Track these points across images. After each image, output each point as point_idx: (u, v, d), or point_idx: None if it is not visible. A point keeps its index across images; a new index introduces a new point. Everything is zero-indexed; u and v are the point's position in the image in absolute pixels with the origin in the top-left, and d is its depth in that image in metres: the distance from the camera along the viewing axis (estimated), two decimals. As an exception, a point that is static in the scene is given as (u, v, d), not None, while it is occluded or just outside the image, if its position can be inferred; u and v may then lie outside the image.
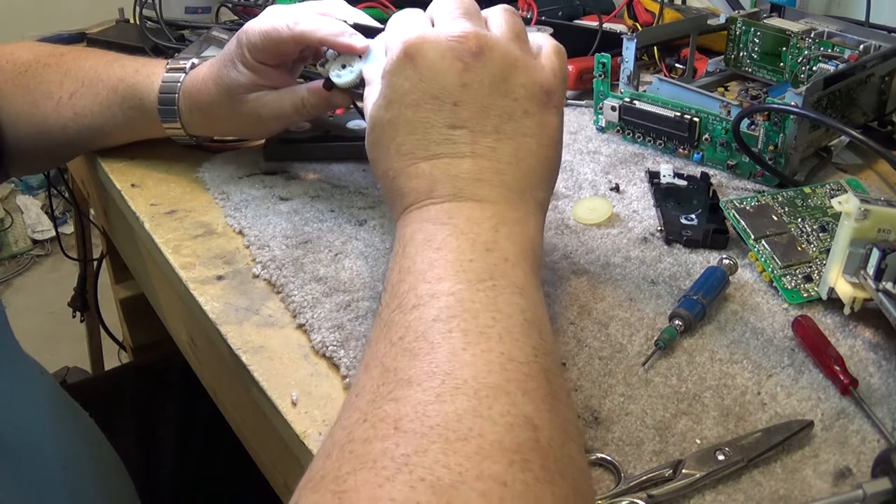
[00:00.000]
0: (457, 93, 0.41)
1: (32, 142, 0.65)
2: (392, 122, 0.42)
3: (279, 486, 0.55)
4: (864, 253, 0.45)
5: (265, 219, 0.58)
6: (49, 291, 2.08)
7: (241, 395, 0.50)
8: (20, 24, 0.65)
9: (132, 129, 0.65)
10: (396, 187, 0.42)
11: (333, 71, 0.55)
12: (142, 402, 0.89)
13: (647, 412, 0.42)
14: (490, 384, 0.32)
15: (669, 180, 0.62)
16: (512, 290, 0.37)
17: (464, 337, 0.34)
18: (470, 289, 0.36)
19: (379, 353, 0.35)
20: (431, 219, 0.40)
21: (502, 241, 0.39)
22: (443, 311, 0.35)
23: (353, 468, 0.29)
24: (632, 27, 0.91)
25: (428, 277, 0.37)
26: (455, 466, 0.29)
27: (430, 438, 0.30)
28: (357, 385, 0.35)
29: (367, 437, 0.30)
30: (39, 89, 0.64)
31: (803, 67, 0.74)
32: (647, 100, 0.68)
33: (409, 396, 0.31)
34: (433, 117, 0.41)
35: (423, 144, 0.41)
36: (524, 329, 0.35)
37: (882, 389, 0.44)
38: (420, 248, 0.38)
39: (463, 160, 0.41)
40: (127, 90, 0.62)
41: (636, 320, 0.48)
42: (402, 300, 0.36)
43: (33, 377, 0.54)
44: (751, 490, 0.38)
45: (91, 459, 0.55)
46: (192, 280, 0.53)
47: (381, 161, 0.43)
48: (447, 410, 0.31)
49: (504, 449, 0.30)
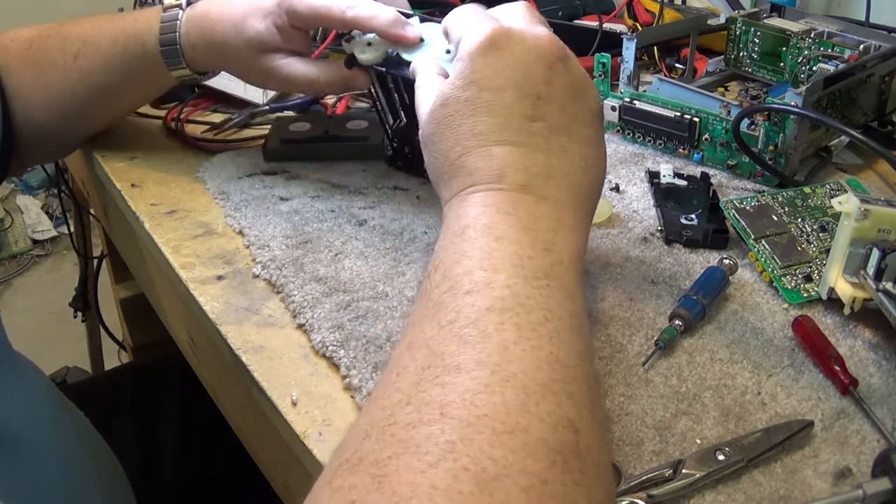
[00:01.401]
0: (541, 87, 0.41)
1: (43, 115, 0.64)
2: (470, 101, 0.41)
3: (279, 486, 0.55)
4: (864, 253, 0.45)
5: (265, 219, 0.58)
6: (49, 291, 2.08)
7: (241, 395, 0.50)
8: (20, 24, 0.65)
9: (139, 82, 0.64)
10: (462, 164, 0.41)
11: (358, 48, 0.55)
12: (142, 402, 0.89)
13: (647, 412, 0.42)
14: (538, 381, 0.32)
15: (669, 180, 0.62)
16: (563, 293, 0.37)
17: (516, 331, 0.33)
18: (525, 285, 0.36)
19: (425, 335, 0.34)
20: (496, 205, 0.39)
21: (560, 243, 0.38)
22: (497, 301, 0.34)
23: (395, 452, 0.29)
24: (632, 27, 0.91)
25: (485, 266, 0.36)
26: (500, 459, 0.28)
27: (476, 428, 0.29)
28: (397, 364, 0.34)
29: (411, 422, 0.30)
30: (45, 60, 0.64)
31: (803, 67, 0.74)
32: (647, 100, 0.68)
33: (457, 383, 0.31)
34: (515, 105, 0.41)
35: (500, 129, 0.41)
36: (572, 333, 0.35)
37: (882, 389, 0.44)
38: (481, 233, 0.38)
39: (538, 153, 0.41)
40: (128, 40, 0.62)
41: (636, 320, 0.48)
42: (455, 282, 0.36)
43: (28, 377, 0.54)
44: (751, 490, 0.38)
45: (88, 459, 0.55)
46: (192, 280, 0.53)
47: (447, 137, 0.42)
48: (496, 402, 0.30)
49: (548, 448, 0.30)
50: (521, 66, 0.41)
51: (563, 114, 0.42)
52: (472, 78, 0.42)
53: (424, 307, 0.36)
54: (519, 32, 0.42)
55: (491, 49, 0.42)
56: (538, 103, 0.41)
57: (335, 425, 0.41)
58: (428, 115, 0.44)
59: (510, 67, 0.41)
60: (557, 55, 0.42)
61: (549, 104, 0.41)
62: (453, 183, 0.42)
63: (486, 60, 0.41)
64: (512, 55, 0.41)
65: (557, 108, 0.42)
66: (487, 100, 0.41)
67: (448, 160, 0.42)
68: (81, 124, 0.68)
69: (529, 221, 0.39)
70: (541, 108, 0.41)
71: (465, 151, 0.41)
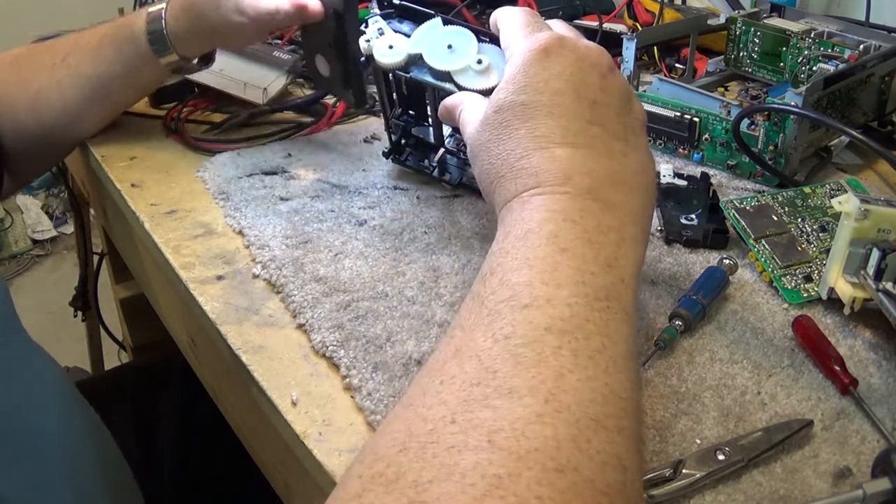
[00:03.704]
0: (596, 92, 0.41)
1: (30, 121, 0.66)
2: (527, 105, 0.41)
3: (279, 487, 0.55)
4: (864, 253, 0.45)
5: (265, 219, 0.58)
6: (49, 291, 2.08)
7: (241, 395, 0.50)
8: (20, 24, 0.65)
9: (127, 72, 0.66)
10: (524, 166, 0.40)
11: (378, 49, 0.53)
12: (142, 402, 0.89)
13: (646, 412, 0.42)
14: (591, 415, 0.31)
15: (669, 180, 0.62)
16: (622, 315, 0.36)
17: (573, 358, 0.32)
18: (587, 306, 0.35)
19: (476, 345, 0.33)
20: (562, 211, 0.38)
21: (622, 259, 0.38)
22: (556, 321, 0.33)
23: (437, 477, 0.28)
24: (632, 27, 0.91)
25: (547, 279, 0.35)
26: (547, 499, 0.27)
27: (525, 463, 0.28)
28: (442, 370, 0.33)
29: (456, 444, 0.29)
30: (31, 66, 0.66)
31: (803, 67, 0.74)
32: (647, 100, 0.68)
33: (508, 409, 0.30)
34: (574, 108, 0.41)
35: (562, 131, 0.40)
36: (627, 362, 0.34)
37: (882, 389, 0.44)
38: (545, 242, 0.37)
39: (601, 157, 0.40)
40: (117, 31, 0.65)
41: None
42: (514, 292, 0.35)
43: (41, 366, 0.54)
44: (751, 490, 0.38)
45: (95, 451, 0.55)
46: (192, 280, 0.53)
47: (504, 141, 0.41)
48: (547, 435, 0.29)
49: (595, 489, 0.29)
50: (578, 71, 0.41)
51: (618, 120, 0.42)
52: (526, 82, 0.41)
53: (478, 313, 0.35)
54: (571, 42, 0.42)
55: (545, 56, 0.41)
56: (595, 107, 0.41)
57: (335, 425, 0.41)
58: (480, 123, 0.43)
59: (566, 73, 0.41)
60: (608, 65, 0.42)
61: (606, 109, 0.41)
62: (513, 185, 0.40)
63: (542, 65, 0.41)
64: (567, 61, 0.41)
65: (613, 115, 0.42)
66: (546, 102, 0.41)
67: (507, 163, 0.41)
68: (71, 125, 0.68)
69: (595, 233, 0.38)
70: (598, 112, 0.41)
71: (525, 153, 0.40)
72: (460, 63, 0.50)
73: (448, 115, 0.48)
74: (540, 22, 0.45)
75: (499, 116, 0.42)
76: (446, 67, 0.50)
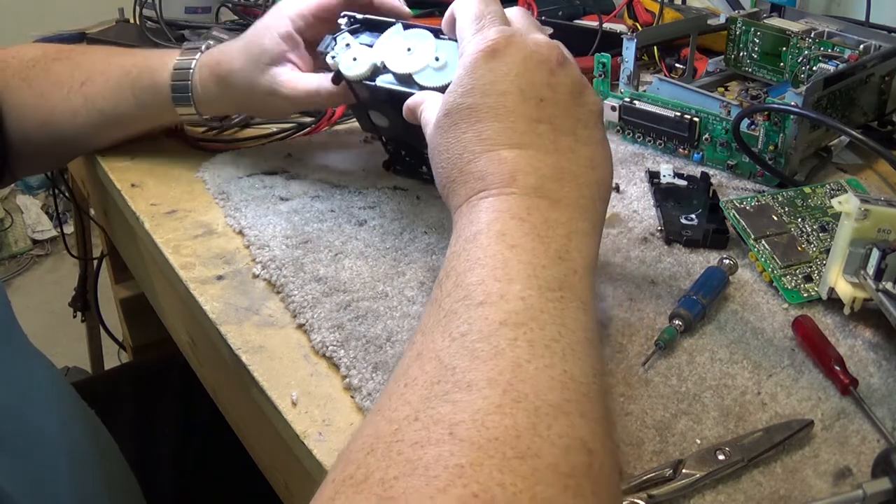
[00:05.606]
0: (543, 90, 0.41)
1: (40, 134, 0.65)
2: (473, 108, 0.41)
3: (279, 487, 0.55)
4: (864, 253, 0.45)
5: (265, 219, 0.58)
6: (49, 291, 2.09)
7: (241, 395, 0.50)
8: (20, 24, 0.65)
9: (143, 114, 0.65)
10: (471, 170, 0.41)
11: (343, 63, 0.53)
12: (142, 402, 0.89)
13: (647, 412, 0.42)
14: (550, 402, 0.31)
15: (669, 180, 0.62)
16: (577, 304, 0.36)
17: (529, 348, 0.33)
18: (540, 297, 0.35)
19: (436, 345, 0.34)
20: (509, 210, 0.39)
21: (573, 251, 0.38)
22: (510, 315, 0.34)
23: (402, 472, 0.28)
24: (632, 27, 0.91)
25: (499, 276, 0.36)
26: (510, 486, 0.28)
27: (487, 451, 0.29)
28: (405, 373, 0.34)
29: (419, 440, 0.29)
30: (48, 80, 0.65)
31: (803, 67, 0.74)
32: (647, 100, 0.68)
33: (468, 402, 0.30)
34: (519, 108, 0.41)
35: (508, 133, 0.41)
36: (585, 348, 0.35)
37: (882, 389, 0.44)
38: (494, 240, 0.37)
39: (546, 155, 0.41)
40: (139, 72, 0.63)
41: (636, 320, 0.48)
42: (468, 292, 0.35)
43: (39, 368, 0.54)
44: (751, 490, 0.38)
45: (95, 450, 0.55)
46: (192, 280, 0.53)
47: (453, 145, 0.42)
48: (507, 424, 0.30)
49: (559, 473, 0.29)
50: (523, 70, 0.41)
51: (566, 115, 0.42)
52: (473, 85, 0.41)
53: (435, 316, 0.36)
54: (520, 39, 0.42)
55: (492, 56, 0.41)
56: (542, 105, 0.41)
57: (335, 425, 0.41)
58: (433, 126, 0.43)
59: (512, 73, 0.41)
60: (557, 60, 0.42)
61: (553, 106, 0.41)
62: (463, 189, 0.41)
63: (489, 67, 0.41)
64: (514, 60, 0.41)
65: (561, 110, 0.42)
66: (491, 105, 0.41)
67: (457, 167, 0.42)
68: (79, 145, 0.69)
69: (543, 228, 0.38)
70: (545, 109, 0.41)
71: (473, 157, 0.41)
72: (419, 63, 0.50)
73: (412, 116, 0.49)
74: (492, 13, 0.44)
75: (448, 119, 0.42)
76: (407, 70, 0.51)
